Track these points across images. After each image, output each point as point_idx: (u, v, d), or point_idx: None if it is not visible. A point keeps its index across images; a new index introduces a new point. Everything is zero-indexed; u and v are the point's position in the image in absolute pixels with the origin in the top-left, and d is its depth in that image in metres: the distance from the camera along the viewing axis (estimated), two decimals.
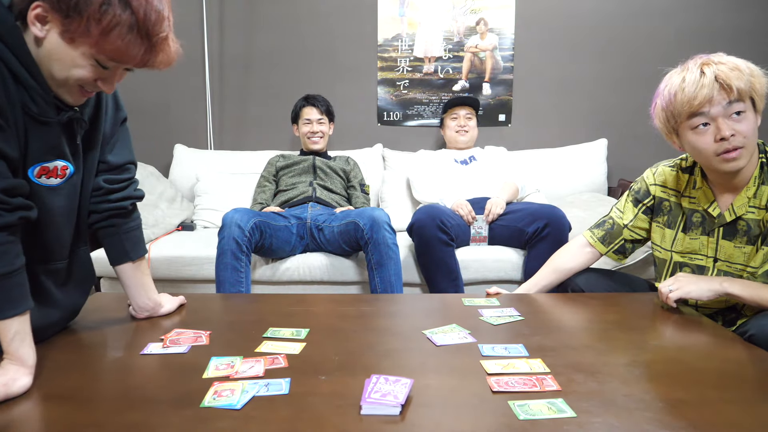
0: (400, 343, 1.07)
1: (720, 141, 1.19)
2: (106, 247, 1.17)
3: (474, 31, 3.05)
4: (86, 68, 0.89)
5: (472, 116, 2.77)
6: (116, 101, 1.14)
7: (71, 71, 0.89)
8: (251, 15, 3.08)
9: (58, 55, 0.88)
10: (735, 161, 1.21)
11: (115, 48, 0.87)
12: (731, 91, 1.17)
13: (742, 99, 1.18)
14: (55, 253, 1.05)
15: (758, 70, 1.20)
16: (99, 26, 0.84)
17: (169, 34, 0.93)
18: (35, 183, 0.96)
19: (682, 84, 1.22)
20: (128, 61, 0.90)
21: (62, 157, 0.99)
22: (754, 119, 1.21)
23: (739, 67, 1.18)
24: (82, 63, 0.88)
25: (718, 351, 1.03)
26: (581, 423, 0.76)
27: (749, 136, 1.20)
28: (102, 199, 1.12)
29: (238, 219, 1.98)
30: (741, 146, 1.19)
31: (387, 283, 2.03)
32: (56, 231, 1.03)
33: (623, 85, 3.05)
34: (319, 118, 2.70)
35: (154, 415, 0.78)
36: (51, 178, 0.99)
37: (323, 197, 2.48)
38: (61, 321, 1.12)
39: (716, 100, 1.19)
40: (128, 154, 1.16)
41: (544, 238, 2.11)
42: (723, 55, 1.21)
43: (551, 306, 1.34)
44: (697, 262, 1.36)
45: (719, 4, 2.98)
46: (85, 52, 0.87)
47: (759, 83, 1.19)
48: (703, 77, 1.19)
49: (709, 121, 1.21)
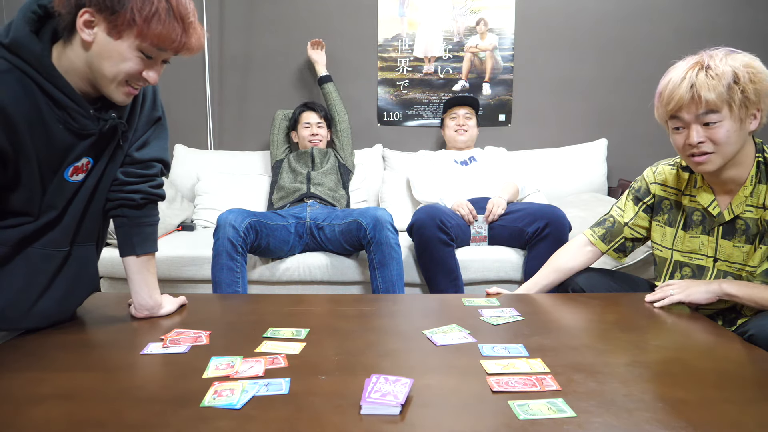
0: (400, 343, 1.07)
1: (688, 145, 1.23)
2: (117, 236, 1.21)
3: (474, 31, 3.05)
4: (133, 60, 0.99)
5: (472, 116, 2.77)
6: (154, 101, 1.20)
7: (120, 66, 0.99)
8: (251, 15, 3.08)
9: (108, 53, 0.97)
10: (703, 165, 1.24)
11: (157, 34, 0.97)
12: (700, 102, 1.18)
13: (714, 109, 1.18)
14: (58, 239, 1.10)
15: (760, 73, 1.18)
16: (141, 16, 0.94)
17: (196, 20, 1.03)
18: (68, 181, 1.07)
19: (666, 84, 1.24)
20: (169, 45, 1.00)
21: (89, 155, 1.08)
22: (732, 126, 1.19)
23: (721, 74, 1.17)
24: (130, 55, 0.98)
25: (718, 351, 1.03)
26: (581, 423, 0.76)
27: (722, 144, 1.20)
28: (117, 188, 1.17)
29: (232, 219, 1.98)
30: (710, 152, 1.22)
31: (389, 283, 2.03)
32: (66, 219, 1.10)
33: (623, 85, 3.05)
34: (318, 122, 2.75)
35: (154, 415, 0.78)
36: (79, 175, 1.09)
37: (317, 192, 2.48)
38: (51, 313, 1.13)
39: (688, 108, 1.20)
40: (156, 152, 1.21)
41: (545, 238, 2.11)
42: (720, 56, 1.20)
43: (551, 306, 1.34)
44: (697, 261, 1.36)
45: (719, 4, 2.98)
46: (131, 44, 0.97)
47: (750, 89, 1.17)
48: (682, 82, 1.20)
49: (684, 125, 1.23)
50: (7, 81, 0.95)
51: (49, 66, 0.97)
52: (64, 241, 1.11)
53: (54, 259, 1.10)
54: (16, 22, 0.97)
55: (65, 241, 1.12)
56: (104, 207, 1.18)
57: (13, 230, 1.04)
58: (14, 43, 0.95)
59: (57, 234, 1.09)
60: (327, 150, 2.74)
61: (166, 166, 1.24)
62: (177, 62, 3.07)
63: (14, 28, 0.96)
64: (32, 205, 1.04)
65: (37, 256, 1.08)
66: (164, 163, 1.23)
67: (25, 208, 1.04)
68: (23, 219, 1.05)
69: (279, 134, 2.82)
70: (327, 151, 2.73)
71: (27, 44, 0.95)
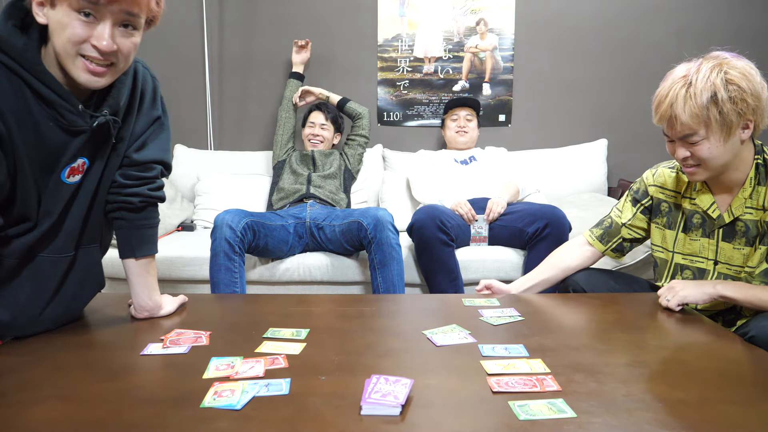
0: (400, 344, 1.07)
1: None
2: (117, 239, 1.20)
3: (474, 31, 3.05)
4: (72, 24, 0.92)
5: (473, 117, 2.77)
6: (153, 100, 1.17)
7: (63, 34, 0.93)
8: (251, 15, 3.08)
9: (53, 27, 0.93)
10: (692, 176, 1.26)
11: None
12: (677, 123, 1.19)
13: (692, 131, 1.18)
14: (62, 245, 1.09)
15: (745, 91, 1.14)
16: None
17: None
18: (64, 183, 1.04)
19: (656, 95, 1.24)
20: None
21: (84, 154, 1.06)
22: (714, 144, 1.18)
23: (699, 93, 1.15)
24: (67, 20, 0.92)
25: (718, 351, 1.03)
26: (581, 423, 0.76)
27: (705, 159, 1.21)
28: (116, 191, 1.15)
29: (228, 220, 1.99)
30: (697, 165, 1.23)
31: (389, 283, 2.03)
32: (68, 224, 1.08)
33: (623, 86, 3.05)
34: (323, 124, 2.74)
35: (154, 416, 0.78)
36: (76, 176, 1.06)
37: (317, 193, 2.48)
38: (59, 316, 1.13)
39: (669, 126, 1.22)
40: (155, 153, 1.18)
41: (545, 239, 2.11)
42: (708, 67, 1.17)
43: (551, 306, 1.34)
44: (698, 264, 1.36)
45: (719, 4, 2.98)
46: (66, 9, 0.91)
47: (728, 109, 1.14)
48: (665, 99, 1.20)
49: (672, 138, 1.25)
50: None
51: (33, 61, 0.94)
52: (69, 246, 1.10)
53: (60, 264, 1.09)
54: None
55: (70, 246, 1.11)
56: (104, 209, 1.17)
57: (18, 241, 1.02)
58: None
59: (61, 240, 1.08)
60: (332, 152, 2.72)
61: (167, 167, 1.21)
62: (177, 62, 3.07)
63: None
64: (30, 208, 1.02)
65: (44, 263, 1.07)
66: (164, 165, 1.20)
67: (23, 212, 1.02)
68: (24, 226, 1.03)
69: (284, 135, 2.81)
70: (331, 153, 2.71)
71: (9, 39, 0.93)
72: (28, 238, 1.03)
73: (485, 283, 1.49)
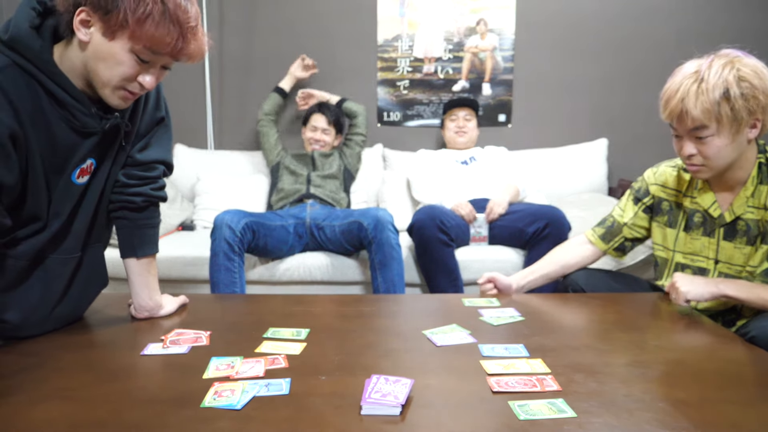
0: (400, 344, 1.07)
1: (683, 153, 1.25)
2: (118, 238, 1.20)
3: (474, 31, 3.05)
4: (127, 63, 0.96)
5: (472, 117, 2.77)
6: (157, 101, 1.19)
7: (114, 69, 0.96)
8: (251, 15, 3.08)
9: (102, 54, 0.96)
10: (696, 174, 1.26)
11: (150, 36, 0.94)
12: (688, 118, 1.18)
13: (702, 125, 1.18)
14: (71, 246, 1.10)
15: (757, 88, 1.14)
16: (134, 17, 0.92)
17: (199, 26, 1.01)
18: (74, 184, 1.05)
19: (665, 90, 1.23)
20: (163, 49, 0.97)
21: (93, 155, 1.07)
22: (723, 141, 1.18)
23: (711, 89, 1.14)
24: (124, 58, 0.96)
25: (719, 351, 1.03)
26: (581, 423, 0.76)
27: (712, 158, 1.21)
28: (118, 191, 1.16)
29: (228, 220, 1.99)
30: (701, 164, 1.23)
31: (390, 283, 2.03)
32: (77, 224, 1.09)
33: (623, 85, 3.05)
34: (325, 128, 2.73)
35: (154, 416, 0.78)
36: (84, 177, 1.07)
37: (317, 193, 2.48)
38: (67, 316, 1.14)
39: (679, 121, 1.21)
40: (158, 154, 1.19)
41: (545, 239, 2.12)
42: (720, 64, 1.17)
43: (551, 306, 1.34)
44: (699, 264, 1.36)
45: (720, 4, 2.98)
46: (125, 46, 0.95)
47: (740, 105, 1.14)
48: (676, 93, 1.19)
49: (679, 134, 1.24)
50: (9, 75, 0.94)
51: (49, 62, 0.96)
52: (77, 246, 1.11)
53: (68, 264, 1.10)
54: (15, 19, 0.96)
55: (78, 246, 1.12)
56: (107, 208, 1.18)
57: (28, 243, 1.03)
58: (13, 39, 0.95)
59: (70, 240, 1.09)
60: (332, 152, 2.71)
61: (169, 167, 1.23)
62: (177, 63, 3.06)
63: (13, 25, 0.95)
64: (40, 209, 1.03)
65: (54, 264, 1.08)
66: (167, 165, 1.22)
67: (33, 213, 1.03)
68: (34, 227, 1.03)
69: (269, 142, 2.79)
70: (332, 154, 2.71)
71: (26, 41, 0.95)
72: (38, 240, 1.04)
73: (487, 276, 1.49)
